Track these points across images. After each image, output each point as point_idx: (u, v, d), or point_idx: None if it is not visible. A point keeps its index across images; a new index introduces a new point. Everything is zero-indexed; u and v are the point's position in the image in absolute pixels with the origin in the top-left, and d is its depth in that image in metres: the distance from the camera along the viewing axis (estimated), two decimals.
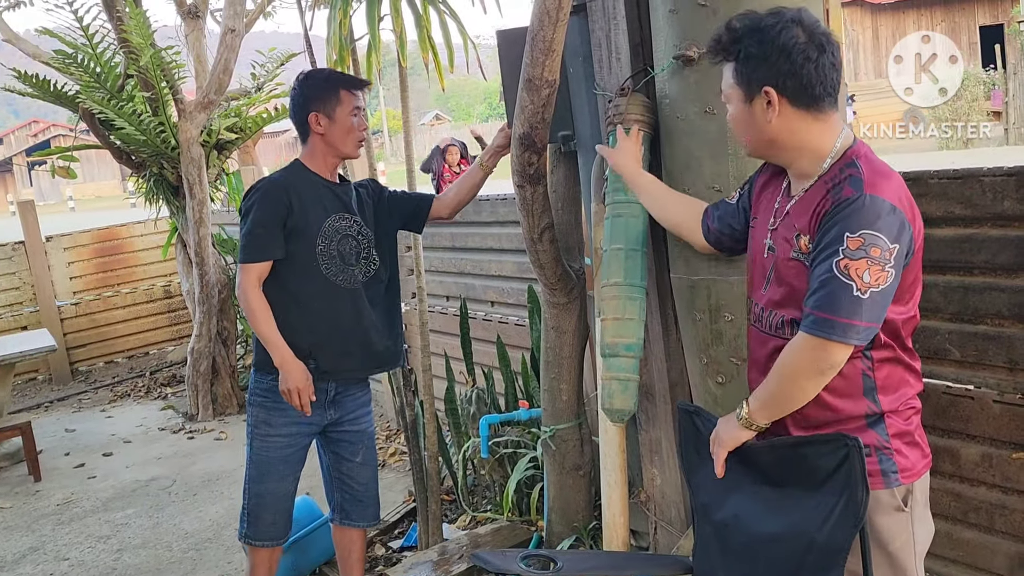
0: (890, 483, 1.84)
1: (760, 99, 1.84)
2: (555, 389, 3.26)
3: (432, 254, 4.99)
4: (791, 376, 1.81)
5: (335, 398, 3.02)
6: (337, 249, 2.90)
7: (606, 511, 2.88)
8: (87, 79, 5.93)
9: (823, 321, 1.72)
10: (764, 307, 1.97)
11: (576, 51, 2.92)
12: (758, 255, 2.02)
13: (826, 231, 1.74)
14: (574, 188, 3.21)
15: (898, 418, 1.86)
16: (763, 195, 2.07)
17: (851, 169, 1.80)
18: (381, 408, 6.03)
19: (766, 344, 1.96)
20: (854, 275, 1.69)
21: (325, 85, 2.88)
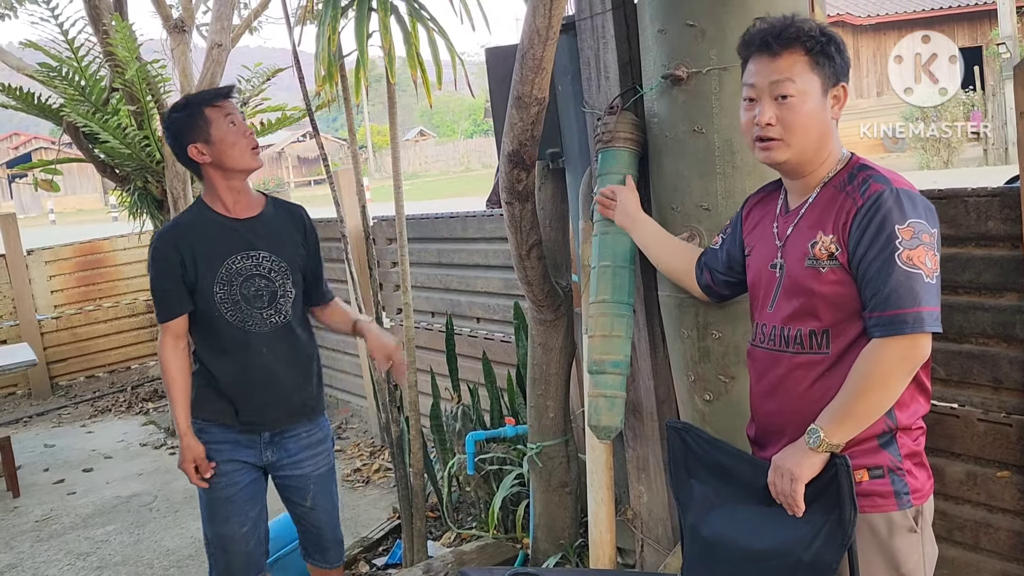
0: (903, 504, 1.84)
1: (831, 93, 1.86)
2: (541, 406, 3.26)
3: (418, 270, 4.99)
4: (882, 383, 1.75)
5: (272, 439, 2.81)
6: (240, 293, 2.69)
7: (592, 528, 2.87)
8: (72, 92, 5.90)
9: (907, 317, 1.70)
10: (776, 325, 1.94)
11: (565, 69, 2.94)
12: (760, 278, 2.02)
13: (867, 227, 1.75)
14: (562, 205, 3.22)
15: (908, 438, 1.86)
16: (753, 223, 2.08)
17: (867, 170, 1.83)
18: (366, 424, 6.01)
19: (781, 363, 1.93)
20: (919, 263, 1.71)
21: (187, 113, 2.67)
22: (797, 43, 1.84)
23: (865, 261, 1.75)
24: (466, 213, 4.68)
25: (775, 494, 1.88)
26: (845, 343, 1.83)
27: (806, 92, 1.84)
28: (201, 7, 7.03)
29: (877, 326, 1.74)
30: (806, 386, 1.89)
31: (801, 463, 1.82)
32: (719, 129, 2.35)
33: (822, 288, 1.83)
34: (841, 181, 1.86)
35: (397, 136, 3.60)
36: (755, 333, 2.04)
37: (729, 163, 2.35)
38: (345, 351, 6.20)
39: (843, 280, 1.81)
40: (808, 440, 1.81)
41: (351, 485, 5.03)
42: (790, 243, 1.92)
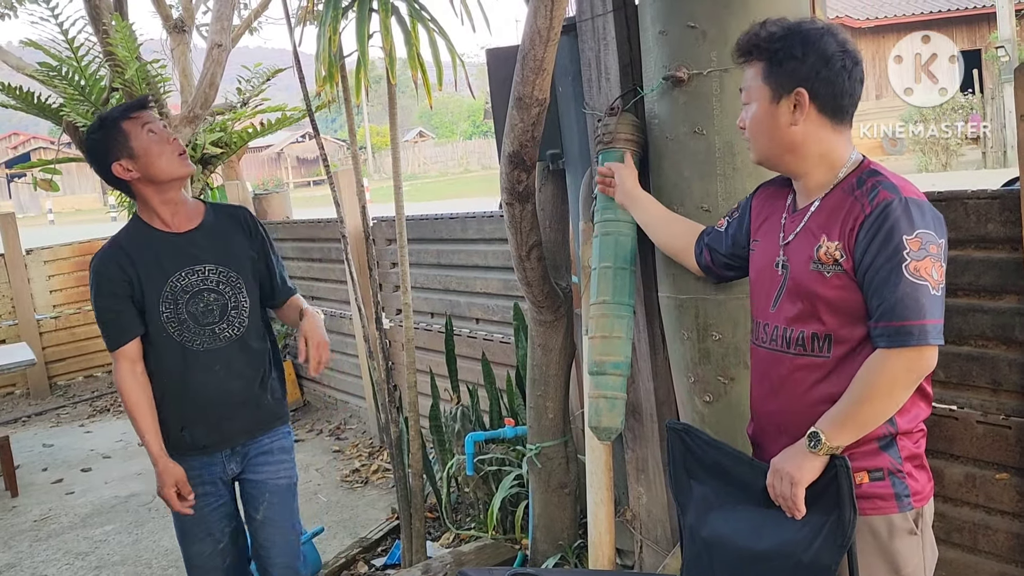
0: (903, 507, 1.84)
1: (788, 100, 1.85)
2: (541, 407, 3.26)
3: (417, 271, 4.99)
4: (887, 392, 1.76)
5: (234, 451, 2.71)
6: (187, 311, 2.57)
7: (592, 529, 2.87)
8: (71, 92, 5.90)
9: (913, 328, 1.70)
10: (778, 325, 1.94)
11: (566, 70, 2.94)
12: (763, 275, 2.01)
13: (874, 236, 1.74)
14: (562, 206, 3.23)
15: (909, 440, 1.85)
16: (763, 216, 2.07)
17: (877, 176, 1.81)
18: (364, 424, 6.01)
19: (783, 364, 1.93)
20: (925, 275, 1.70)
21: (103, 132, 2.52)
22: (753, 52, 1.89)
23: (872, 270, 1.74)
24: (465, 214, 4.68)
25: (774, 497, 1.88)
26: (847, 348, 1.82)
27: (756, 100, 1.90)
28: (201, 7, 7.05)
29: (882, 336, 1.74)
30: (806, 388, 1.88)
31: (801, 466, 1.82)
32: (720, 131, 2.35)
33: (826, 292, 1.83)
34: (850, 185, 1.84)
35: (397, 137, 3.61)
36: (756, 332, 2.04)
37: (730, 164, 2.36)
38: (344, 351, 6.20)
39: (847, 285, 1.80)
40: (809, 443, 1.81)
41: (350, 486, 5.03)
42: (795, 244, 1.92)
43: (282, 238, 6.90)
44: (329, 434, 6.11)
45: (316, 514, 4.62)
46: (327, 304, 6.37)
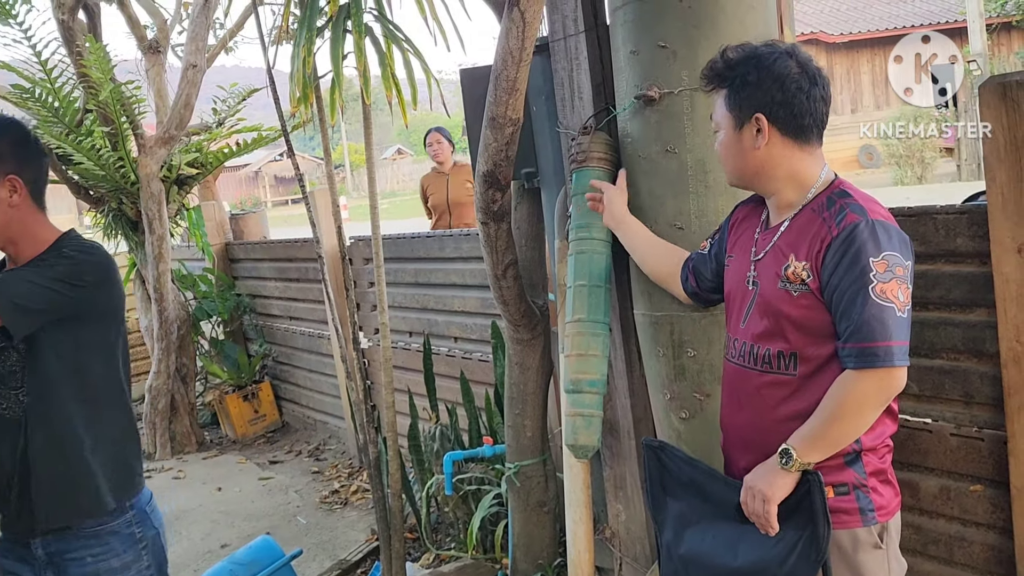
0: (868, 521, 1.86)
1: (750, 126, 1.88)
2: (519, 425, 3.26)
3: (395, 290, 4.98)
4: (856, 412, 1.77)
5: (51, 559, 2.14)
6: None
7: (571, 548, 2.87)
8: (45, 114, 5.87)
9: (879, 350, 1.72)
10: (746, 341, 1.97)
11: (539, 90, 2.95)
12: (736, 290, 2.04)
13: (841, 258, 1.76)
14: (538, 225, 3.23)
15: (874, 456, 1.87)
16: (739, 232, 2.09)
17: (845, 198, 1.83)
18: (343, 445, 5.98)
19: (750, 380, 1.95)
20: (891, 296, 1.72)
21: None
22: (714, 81, 1.95)
23: (839, 292, 1.76)
24: (443, 233, 4.69)
25: (748, 514, 1.89)
26: (812, 367, 1.85)
27: (721, 126, 1.96)
28: (176, 28, 7.01)
29: (849, 357, 1.76)
30: (772, 404, 1.91)
31: (773, 483, 1.83)
32: (692, 149, 2.37)
33: (792, 311, 1.85)
34: (820, 205, 1.86)
35: (373, 156, 3.61)
36: (728, 346, 2.07)
37: (702, 183, 2.37)
38: (323, 372, 6.18)
39: (813, 305, 1.82)
40: (780, 460, 1.83)
41: (329, 507, 5.00)
42: (765, 261, 1.94)
43: (259, 258, 6.87)
44: (308, 455, 6.08)
45: (295, 536, 4.58)
46: (305, 324, 6.35)
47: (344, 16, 3.28)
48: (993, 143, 2.17)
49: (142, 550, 2.21)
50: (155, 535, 2.27)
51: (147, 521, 2.25)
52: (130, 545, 2.19)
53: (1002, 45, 21.29)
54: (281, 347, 6.80)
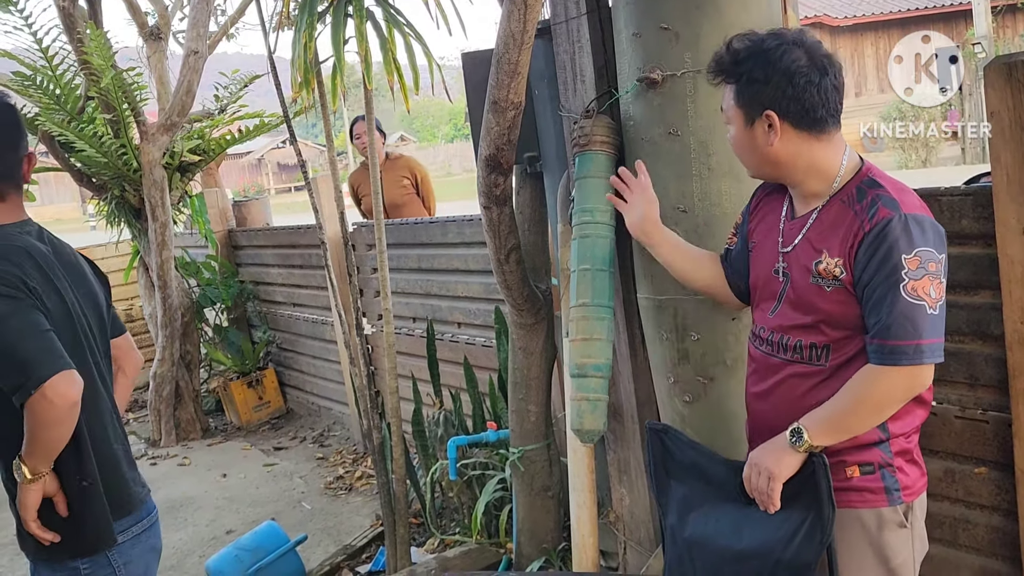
0: (893, 500, 1.85)
1: (761, 122, 1.84)
2: (523, 410, 3.26)
3: (398, 275, 4.98)
4: (876, 406, 1.77)
5: None
6: None
7: (575, 532, 2.87)
8: (46, 101, 5.85)
9: (907, 349, 1.70)
10: (775, 331, 1.94)
11: (541, 73, 2.94)
12: (763, 278, 2.00)
13: (873, 254, 1.73)
14: (540, 209, 3.22)
15: (901, 437, 1.86)
16: (760, 217, 2.06)
17: (876, 188, 1.79)
18: (348, 431, 5.99)
19: (778, 370, 1.93)
20: (923, 294, 1.70)
21: None
22: (721, 75, 1.90)
23: (870, 288, 1.74)
24: (446, 218, 4.68)
25: (750, 490, 1.89)
26: (843, 358, 1.84)
27: (732, 121, 1.91)
28: (177, 14, 6.99)
29: (876, 353, 1.74)
30: (799, 394, 1.89)
31: (780, 460, 1.83)
32: (694, 131, 2.36)
33: (826, 306, 1.83)
34: (849, 196, 1.83)
35: (375, 142, 3.60)
36: (755, 334, 2.03)
37: (705, 165, 2.36)
38: (326, 358, 6.18)
39: (847, 300, 1.80)
40: (791, 439, 1.82)
41: (334, 493, 5.01)
42: (795, 254, 1.91)
43: (263, 245, 6.87)
44: (313, 441, 6.09)
45: (300, 522, 4.59)
46: (309, 310, 6.36)
47: (345, 1, 3.26)
48: (998, 124, 2.15)
49: None
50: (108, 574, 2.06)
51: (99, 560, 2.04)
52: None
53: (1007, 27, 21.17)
54: (285, 334, 6.81)
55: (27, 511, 1.96)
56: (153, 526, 2.20)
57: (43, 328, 1.89)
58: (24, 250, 1.96)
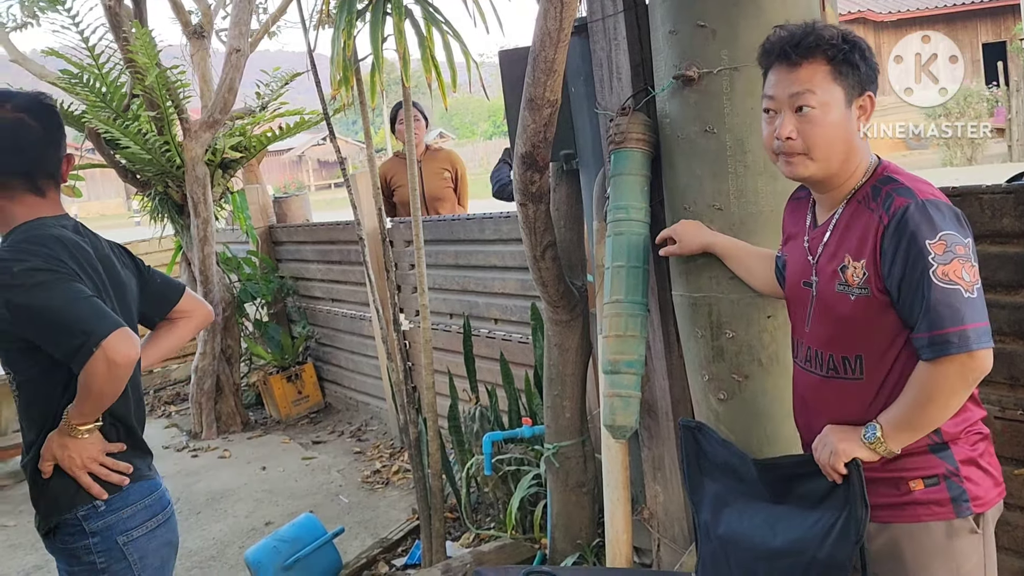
0: (961, 512, 1.77)
1: (856, 104, 1.78)
2: (558, 406, 3.27)
3: (435, 272, 5.01)
4: (942, 402, 1.69)
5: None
6: None
7: (609, 528, 2.88)
8: (93, 99, 5.96)
9: (951, 336, 1.63)
10: (811, 346, 1.89)
11: (578, 71, 2.95)
12: (795, 292, 1.96)
13: (897, 245, 1.68)
14: (576, 206, 3.23)
15: (964, 444, 1.79)
16: (791, 229, 2.03)
17: (891, 183, 1.75)
18: (385, 426, 6.04)
19: (819, 385, 1.89)
20: (955, 278, 1.63)
21: None
22: (818, 52, 1.76)
23: (902, 282, 1.68)
24: (483, 215, 4.70)
25: (817, 459, 1.85)
26: (880, 370, 1.78)
27: (828, 104, 1.76)
28: (220, 13, 7.08)
29: (923, 348, 1.67)
30: (844, 411, 1.84)
31: (848, 441, 1.79)
32: (731, 128, 2.35)
33: (853, 315, 1.77)
34: (865, 195, 1.78)
35: (413, 139, 3.63)
36: (794, 350, 2.00)
37: (741, 162, 2.36)
38: (364, 353, 6.24)
39: (873, 307, 1.74)
40: (865, 434, 1.76)
41: (371, 486, 5.06)
42: (821, 263, 1.86)
43: (302, 241, 6.95)
44: (350, 435, 6.15)
45: (337, 515, 4.65)
46: (347, 306, 6.42)
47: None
48: None
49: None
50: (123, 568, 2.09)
51: (113, 552, 2.08)
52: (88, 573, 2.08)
53: None
54: (323, 329, 6.88)
55: (87, 462, 2.04)
56: (169, 520, 2.24)
57: (87, 294, 1.98)
58: (58, 239, 2.04)
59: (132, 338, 1.98)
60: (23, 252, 1.97)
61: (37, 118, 2.06)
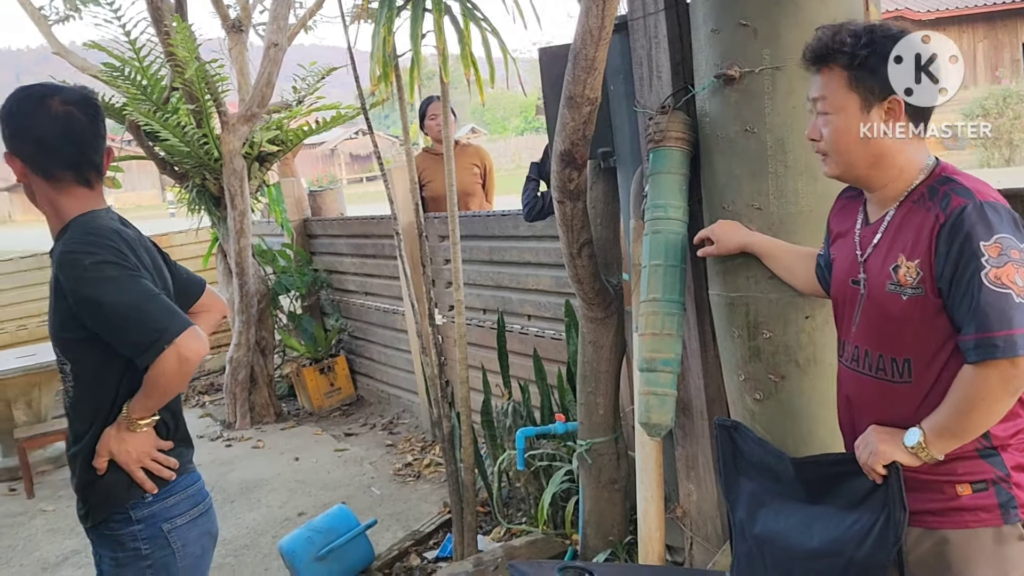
0: (1009, 518, 1.73)
1: (879, 108, 1.77)
2: (592, 403, 3.28)
3: (469, 267, 5.03)
4: (981, 406, 1.66)
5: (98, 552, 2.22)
6: None
7: (642, 525, 2.89)
8: (134, 92, 6.05)
9: (997, 340, 1.60)
10: (858, 346, 1.87)
11: (617, 69, 2.95)
12: (842, 291, 1.94)
13: (951, 245, 1.65)
14: (613, 204, 3.24)
15: (1014, 450, 1.76)
16: (839, 227, 2.01)
17: (949, 183, 1.73)
18: (417, 419, 6.08)
19: (866, 386, 1.87)
20: (1008, 282, 1.61)
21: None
22: (833, 59, 1.79)
23: (953, 282, 1.66)
24: (517, 211, 4.70)
25: (857, 457, 1.84)
26: (929, 374, 1.75)
27: (842, 110, 1.79)
28: (258, 7, 7.14)
29: (968, 350, 1.65)
30: (891, 413, 1.82)
31: (890, 444, 1.77)
32: (772, 128, 2.35)
33: (904, 316, 1.74)
34: (921, 195, 1.76)
35: (451, 135, 3.65)
36: (840, 348, 1.97)
37: (781, 162, 2.35)
38: (396, 347, 6.28)
39: (926, 309, 1.72)
40: (907, 438, 1.75)
41: (402, 479, 5.09)
42: (872, 261, 1.84)
43: (336, 234, 7.00)
44: (382, 428, 6.19)
45: (370, 507, 4.69)
46: (380, 300, 6.46)
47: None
48: None
49: (146, 568, 2.12)
50: (167, 556, 2.14)
51: (158, 539, 2.13)
52: (132, 560, 2.11)
53: None
54: (356, 322, 6.93)
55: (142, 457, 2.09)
56: (209, 511, 2.29)
57: (156, 291, 2.04)
58: (117, 232, 2.09)
59: (203, 336, 2.05)
60: (90, 245, 2.01)
61: (85, 111, 2.10)
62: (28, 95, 2.06)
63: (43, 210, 2.12)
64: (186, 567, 2.17)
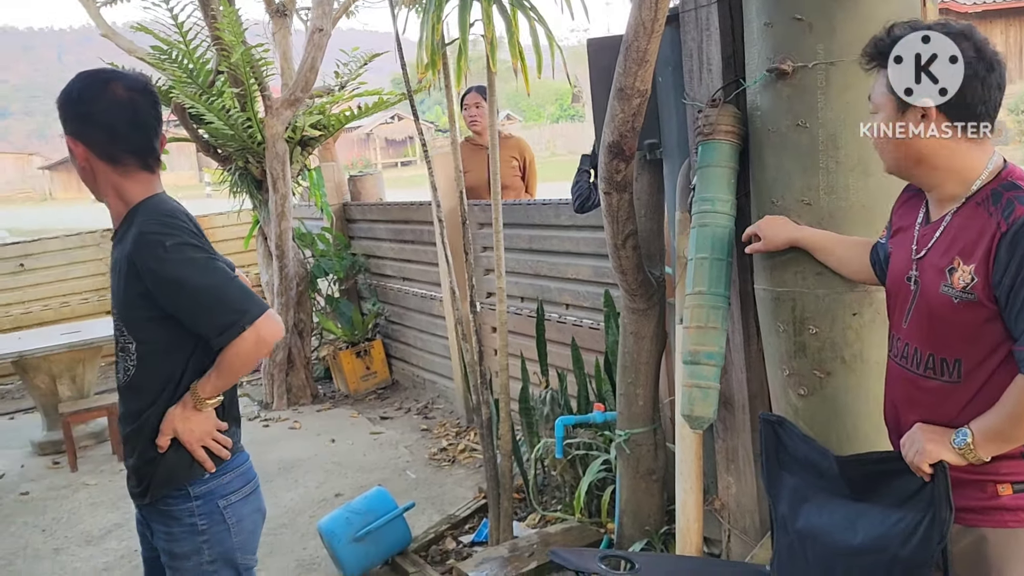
0: None
1: (914, 111, 1.77)
2: (631, 394, 3.30)
3: (509, 255, 5.05)
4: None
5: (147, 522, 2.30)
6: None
7: (680, 516, 2.90)
8: (180, 74, 6.12)
9: None
10: (908, 342, 1.87)
11: (667, 60, 2.95)
12: (896, 286, 1.93)
13: (1012, 256, 1.63)
14: (658, 196, 3.24)
15: None
16: (900, 222, 1.99)
17: (1014, 189, 1.70)
18: (452, 404, 6.13)
19: (914, 383, 1.86)
20: None
21: None
22: (875, 60, 1.83)
23: (1013, 292, 1.64)
24: (558, 200, 4.72)
25: (903, 455, 1.84)
26: (978, 374, 1.75)
27: (881, 108, 1.83)
28: None
29: (1022, 361, 1.64)
30: (939, 411, 1.81)
31: (937, 443, 1.77)
32: (824, 123, 2.34)
33: (955, 318, 1.74)
34: (984, 199, 1.73)
35: (495, 124, 3.67)
36: (891, 344, 1.97)
37: (833, 158, 2.35)
38: (433, 332, 6.32)
39: (980, 314, 1.71)
40: (955, 439, 1.75)
41: (438, 464, 5.14)
42: (927, 261, 1.83)
43: (375, 219, 7.05)
44: (417, 412, 6.24)
45: (406, 490, 4.74)
46: (418, 285, 6.50)
47: None
48: None
49: (202, 543, 2.18)
50: (222, 531, 2.20)
51: (214, 515, 2.19)
52: (188, 535, 2.18)
53: None
54: (393, 307, 6.98)
55: (204, 436, 2.15)
56: (257, 490, 2.34)
57: (232, 274, 2.12)
58: (187, 215, 2.17)
59: (278, 320, 2.12)
60: (168, 227, 2.07)
61: (146, 97, 2.15)
62: (93, 81, 2.10)
63: (105, 193, 2.17)
64: (240, 542, 2.23)
